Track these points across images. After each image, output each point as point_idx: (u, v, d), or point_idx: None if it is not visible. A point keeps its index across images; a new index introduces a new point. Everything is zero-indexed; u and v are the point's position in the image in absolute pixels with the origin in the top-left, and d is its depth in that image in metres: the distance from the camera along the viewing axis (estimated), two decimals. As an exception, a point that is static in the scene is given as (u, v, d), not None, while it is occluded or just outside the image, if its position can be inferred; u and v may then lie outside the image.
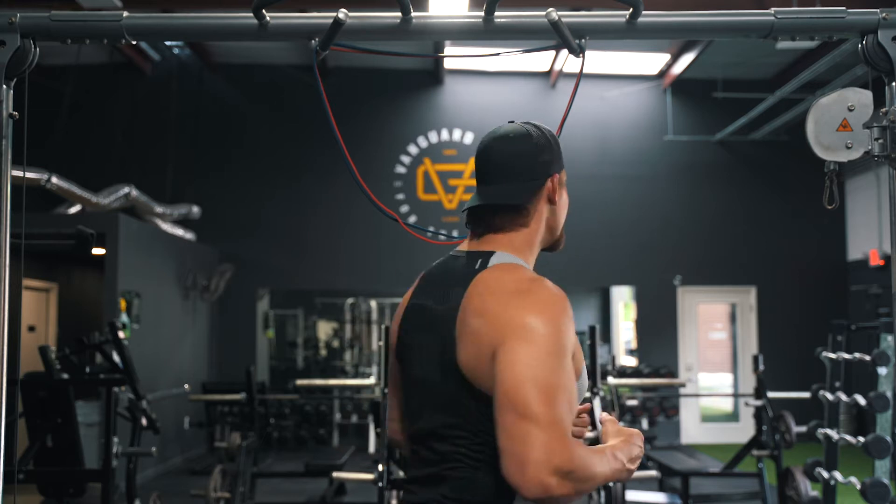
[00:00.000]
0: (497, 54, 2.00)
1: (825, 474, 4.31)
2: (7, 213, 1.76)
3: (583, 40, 1.90)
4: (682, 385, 7.66)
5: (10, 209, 1.77)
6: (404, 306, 1.55)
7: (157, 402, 5.85)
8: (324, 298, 11.77)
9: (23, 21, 1.80)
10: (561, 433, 1.21)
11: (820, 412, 4.52)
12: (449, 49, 8.57)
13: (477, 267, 1.42)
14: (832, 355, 4.49)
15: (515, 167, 1.48)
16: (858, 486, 3.92)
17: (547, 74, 10.27)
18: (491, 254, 1.45)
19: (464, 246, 1.53)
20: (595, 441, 4.70)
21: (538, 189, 1.50)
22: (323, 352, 11.49)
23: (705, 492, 6.52)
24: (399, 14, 1.88)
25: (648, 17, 1.90)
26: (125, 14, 1.85)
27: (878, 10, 1.82)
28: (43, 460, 4.04)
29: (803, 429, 4.76)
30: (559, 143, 1.56)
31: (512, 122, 1.55)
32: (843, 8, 1.84)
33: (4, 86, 1.79)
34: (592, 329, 5.00)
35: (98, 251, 7.46)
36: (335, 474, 5.05)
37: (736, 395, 9.86)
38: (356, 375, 10.74)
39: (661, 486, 6.57)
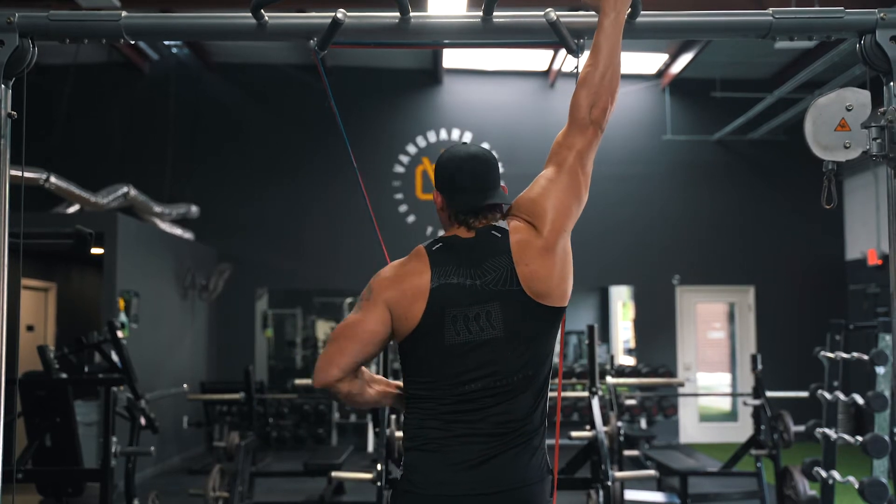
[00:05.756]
0: (496, 45, 2.02)
1: (823, 473, 4.31)
2: (6, 213, 1.76)
3: (581, 40, 1.90)
4: (681, 384, 7.65)
5: (9, 209, 1.77)
6: (427, 287, 1.84)
7: (155, 401, 5.84)
8: (322, 298, 11.75)
9: (21, 20, 1.79)
10: None
11: (818, 411, 4.52)
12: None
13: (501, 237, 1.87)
14: (830, 355, 4.49)
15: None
16: (857, 486, 3.92)
17: (546, 74, 10.26)
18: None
19: (462, 231, 1.91)
20: (593, 441, 4.70)
21: None
22: (321, 351, 11.42)
23: (704, 491, 6.51)
24: (397, 14, 1.88)
25: (647, 17, 1.90)
26: (124, 14, 1.85)
27: (876, 10, 1.82)
28: (42, 460, 4.04)
29: (801, 428, 4.76)
30: None
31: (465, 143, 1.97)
32: (842, 8, 1.85)
33: (3, 85, 1.79)
34: (591, 328, 5.00)
35: (97, 251, 7.45)
36: (334, 474, 5.04)
37: (734, 395, 9.86)
38: (355, 375, 10.72)
39: (659, 485, 6.58)
